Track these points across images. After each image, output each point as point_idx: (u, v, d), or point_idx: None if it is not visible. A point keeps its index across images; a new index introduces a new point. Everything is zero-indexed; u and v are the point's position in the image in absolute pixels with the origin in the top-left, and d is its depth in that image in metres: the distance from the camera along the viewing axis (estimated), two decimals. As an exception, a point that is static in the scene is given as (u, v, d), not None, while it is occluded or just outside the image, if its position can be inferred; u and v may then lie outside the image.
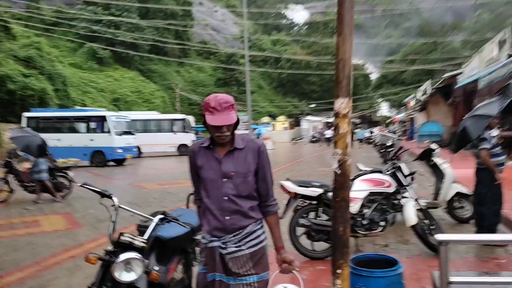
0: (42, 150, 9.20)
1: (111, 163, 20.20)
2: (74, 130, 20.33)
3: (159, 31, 51.56)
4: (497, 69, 9.16)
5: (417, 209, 5.03)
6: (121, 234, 2.57)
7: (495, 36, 13.95)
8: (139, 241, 2.54)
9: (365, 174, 5.36)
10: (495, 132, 5.31)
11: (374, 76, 73.01)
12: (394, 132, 39.89)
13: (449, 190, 6.42)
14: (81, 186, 2.80)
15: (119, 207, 2.79)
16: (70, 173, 10.41)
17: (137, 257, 2.46)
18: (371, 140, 32.66)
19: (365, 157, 21.86)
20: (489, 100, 5.39)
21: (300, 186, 5.14)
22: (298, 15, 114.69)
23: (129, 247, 2.52)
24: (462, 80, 17.27)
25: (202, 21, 72.15)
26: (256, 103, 56.36)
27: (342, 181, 2.43)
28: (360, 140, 33.66)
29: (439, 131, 22.27)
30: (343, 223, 2.45)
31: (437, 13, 76.04)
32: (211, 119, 2.13)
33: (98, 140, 19.58)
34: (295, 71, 62.96)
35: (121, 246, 2.53)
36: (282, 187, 5.16)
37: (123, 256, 2.45)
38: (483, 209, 5.27)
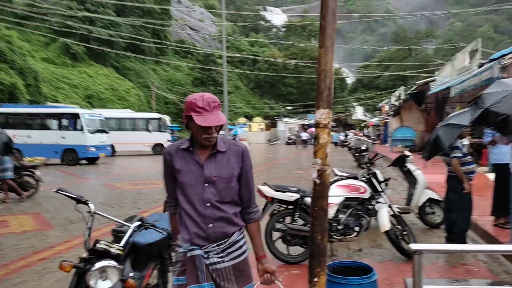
0: (7, 147, 8.89)
1: (83, 161, 19.77)
2: (45, 127, 19.77)
3: (136, 29, 50.80)
4: (469, 79, 9.47)
5: (391, 215, 5.15)
6: (97, 241, 2.52)
7: (467, 45, 14.40)
8: (115, 249, 2.49)
9: (341, 179, 5.45)
10: (466, 141, 5.49)
11: (350, 80, 74.12)
12: (368, 136, 40.62)
13: (421, 196, 6.60)
14: (56, 192, 2.71)
15: (95, 213, 2.73)
16: (37, 172, 10.14)
17: (113, 265, 2.41)
18: (346, 144, 33.17)
19: (340, 160, 22.18)
20: (462, 110, 5.56)
21: (277, 190, 5.17)
22: (277, 17, 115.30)
23: (105, 254, 2.47)
24: (434, 87, 17.74)
25: (180, 20, 71.56)
26: (233, 104, 56.28)
27: (321, 191, 2.46)
28: (335, 143, 34.08)
29: (412, 136, 22.82)
30: (321, 232, 2.47)
31: (411, 20, 77.94)
32: (201, 120, 1.97)
33: (70, 138, 19.12)
34: (273, 73, 63.20)
35: (97, 254, 2.48)
36: (259, 191, 5.17)
37: (99, 264, 2.40)
38: (453, 215, 5.43)
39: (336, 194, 5.17)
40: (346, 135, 39.46)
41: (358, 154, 16.90)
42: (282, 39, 75.17)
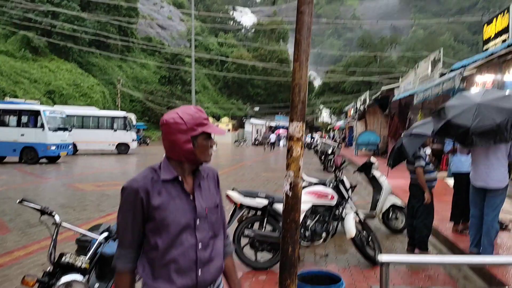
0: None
1: (43, 160, 19.05)
2: (3, 124, 18.85)
3: (102, 24, 49.47)
4: (431, 87, 9.84)
5: (357, 221, 5.26)
6: (62, 254, 2.42)
7: (429, 54, 14.94)
8: (81, 262, 2.41)
9: (310, 186, 5.52)
10: (428, 150, 5.70)
11: (317, 83, 75.26)
12: (334, 139, 41.36)
13: (385, 202, 6.79)
14: (19, 203, 2.59)
15: (61, 225, 2.63)
16: None
17: (79, 280, 2.33)
18: (312, 146, 33.65)
19: (306, 163, 22.45)
20: (425, 120, 5.77)
21: (246, 196, 5.17)
22: (246, 18, 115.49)
23: (70, 267, 2.38)
24: (398, 94, 18.29)
25: (148, 17, 70.31)
26: (200, 103, 55.86)
27: (293, 203, 2.47)
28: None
29: (376, 140, 23.43)
30: (292, 244, 2.49)
31: (377, 27, 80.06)
32: (214, 129, 1.74)
33: (30, 136, 18.36)
34: (241, 73, 63.23)
35: (62, 267, 2.38)
36: (228, 197, 5.16)
37: (64, 279, 2.31)
38: (415, 221, 5.62)
39: (304, 201, 5.22)
40: (312, 138, 40.04)
41: (324, 157, 17.18)
42: (251, 40, 75.36)
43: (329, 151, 16.56)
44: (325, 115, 76.80)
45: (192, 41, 36.42)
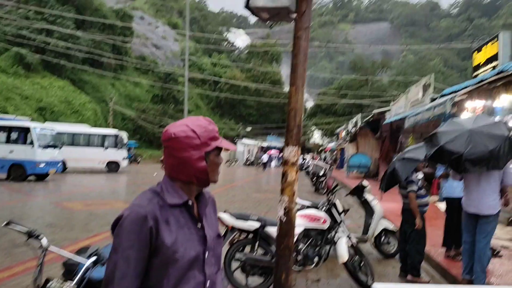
0: None
1: (32, 178, 18.76)
2: (-9, 140, 18.64)
3: (96, 42, 49.69)
4: (422, 112, 9.96)
5: (349, 246, 5.21)
6: (48, 280, 2.34)
7: (420, 78, 15.19)
8: (68, 288, 2.33)
9: (302, 209, 5.47)
10: (420, 175, 5.71)
11: (309, 105, 75.89)
12: (325, 161, 41.45)
13: (378, 226, 6.75)
14: (5, 226, 2.51)
15: (48, 249, 2.54)
16: None
17: None
18: (303, 167, 33.64)
19: (297, 184, 22.39)
20: (417, 145, 5.80)
21: (237, 219, 5.10)
22: (240, 39, 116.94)
23: (56, 293, 2.30)
24: (389, 117, 18.47)
25: (142, 36, 70.86)
26: (193, 123, 55.75)
27: (287, 229, 2.44)
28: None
29: (367, 163, 23.52)
30: (285, 271, 2.44)
31: (368, 51, 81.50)
32: (227, 144, 1.53)
33: (19, 152, 18.11)
34: (234, 94, 63.61)
35: (47, 292, 2.30)
36: (219, 219, 5.08)
37: None
38: (408, 247, 5.58)
39: (296, 224, 5.16)
40: (303, 159, 40.12)
41: (316, 179, 17.16)
42: (245, 61, 76.12)
43: (321, 173, 16.56)
44: (316, 137, 77.20)
45: (186, 61, 36.60)
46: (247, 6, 2.40)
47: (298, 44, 2.45)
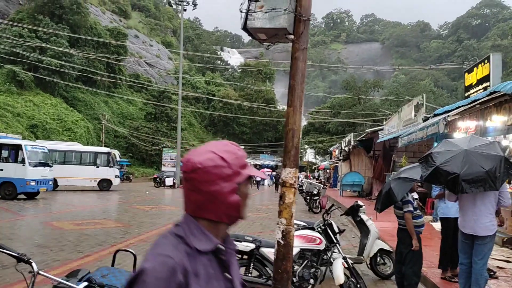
0: None
1: (22, 196, 18.47)
2: (-19, 158, 18.39)
3: (90, 60, 49.84)
4: (416, 131, 10.02)
5: (345, 267, 5.13)
6: None
7: (412, 98, 15.35)
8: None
9: (298, 229, 5.40)
10: (416, 195, 5.68)
11: (302, 123, 76.40)
12: (318, 179, 41.41)
13: (373, 246, 6.67)
14: None
15: (38, 273, 2.46)
16: None
17: None
18: (297, 186, 33.52)
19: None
20: (413, 165, 5.78)
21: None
22: (233, 58, 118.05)
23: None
24: (383, 136, 18.57)
25: (136, 54, 71.24)
26: (186, 141, 55.77)
27: (285, 252, 2.39)
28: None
29: (361, 181, 23.51)
30: (283, 296, 2.37)
31: (360, 70, 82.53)
32: (258, 173, 1.36)
33: (9, 170, 17.86)
34: (227, 112, 63.81)
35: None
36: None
37: None
38: (404, 268, 5.50)
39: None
40: (297, 177, 40.04)
41: (310, 198, 17.08)
42: (238, 80, 76.65)
43: (315, 192, 16.49)
44: (309, 155, 77.37)
45: (179, 80, 36.85)
46: (244, 27, 2.40)
47: (295, 65, 2.44)
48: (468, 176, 4.43)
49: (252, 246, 4.96)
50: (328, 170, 46.34)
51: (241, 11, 2.37)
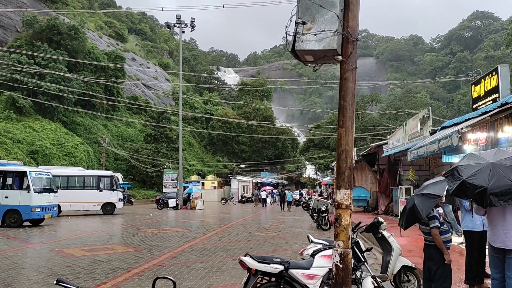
0: None
1: (27, 223, 18.27)
2: (-15, 186, 18.22)
3: (88, 84, 50.08)
4: (426, 145, 10.01)
5: (375, 286, 5.05)
6: None
7: (417, 112, 15.40)
8: None
9: (325, 249, 5.32)
10: (441, 210, 5.64)
11: (301, 140, 76.37)
12: (321, 195, 41.24)
13: (396, 263, 6.58)
14: (56, 284, 2.37)
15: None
16: None
17: None
18: (300, 202, 33.37)
19: (298, 220, 22.13)
20: (436, 179, 5.75)
21: (260, 262, 4.94)
22: (230, 77, 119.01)
23: None
24: (387, 150, 18.56)
25: (134, 77, 71.67)
26: (186, 161, 55.64)
27: (344, 276, 2.34)
28: (289, 203, 33.76)
29: (366, 196, 23.39)
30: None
31: (357, 85, 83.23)
32: None
33: (14, 198, 17.73)
34: (226, 131, 63.91)
35: None
36: (241, 262, 4.93)
37: None
38: (433, 285, 5.40)
39: (321, 265, 5.03)
40: (301, 194, 39.94)
41: (318, 215, 16.96)
42: (236, 99, 76.99)
43: (323, 209, 16.38)
44: (310, 171, 77.21)
45: (179, 100, 37.01)
46: (293, 50, 2.41)
47: (345, 86, 2.44)
48: (496, 189, 4.40)
49: (281, 267, 4.88)
50: (330, 186, 46.16)
51: (288, 34, 2.38)
